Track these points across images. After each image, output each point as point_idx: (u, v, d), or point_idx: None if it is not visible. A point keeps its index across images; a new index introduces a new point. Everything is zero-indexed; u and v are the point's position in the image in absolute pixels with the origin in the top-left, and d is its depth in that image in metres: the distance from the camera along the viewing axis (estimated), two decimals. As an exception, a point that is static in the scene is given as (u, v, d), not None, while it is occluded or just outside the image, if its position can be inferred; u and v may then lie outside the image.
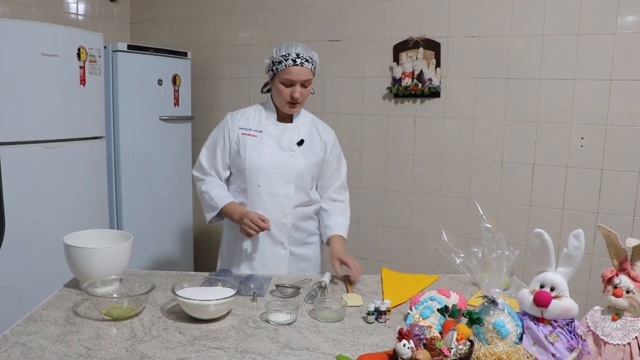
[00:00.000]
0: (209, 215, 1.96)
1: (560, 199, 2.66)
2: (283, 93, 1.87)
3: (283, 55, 1.85)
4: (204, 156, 2.01)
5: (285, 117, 1.99)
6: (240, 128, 1.96)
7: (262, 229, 1.81)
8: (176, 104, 3.37)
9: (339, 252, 1.87)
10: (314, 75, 1.91)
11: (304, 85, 1.87)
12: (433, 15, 2.85)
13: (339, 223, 2.01)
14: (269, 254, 1.95)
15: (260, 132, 1.95)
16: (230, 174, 2.02)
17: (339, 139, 2.08)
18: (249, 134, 1.95)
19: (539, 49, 2.61)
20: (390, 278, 1.83)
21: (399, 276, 1.87)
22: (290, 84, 1.86)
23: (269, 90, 1.99)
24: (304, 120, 2.01)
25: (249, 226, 1.80)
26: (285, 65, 1.83)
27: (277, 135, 1.95)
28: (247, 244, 1.96)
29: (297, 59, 1.83)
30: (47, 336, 1.28)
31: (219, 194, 1.94)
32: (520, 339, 1.21)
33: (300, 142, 1.95)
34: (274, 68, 1.87)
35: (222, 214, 1.94)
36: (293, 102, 1.89)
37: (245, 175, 1.93)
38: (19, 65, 2.40)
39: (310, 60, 1.86)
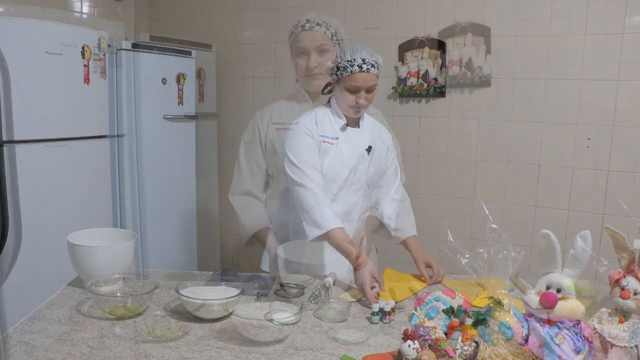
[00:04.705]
0: (314, 234, 1.71)
1: (567, 200, 2.64)
2: (348, 99, 1.80)
3: (348, 61, 1.76)
4: (295, 162, 1.82)
5: (352, 122, 1.92)
6: (321, 136, 1.87)
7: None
8: (180, 103, 3.36)
9: (424, 256, 1.87)
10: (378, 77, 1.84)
11: (369, 90, 1.80)
12: (438, 14, 2.83)
13: (409, 223, 1.98)
14: (331, 257, 1.89)
15: (337, 139, 1.87)
16: None
17: None
18: (329, 142, 1.87)
19: (546, 49, 2.60)
20: (392, 278, 1.82)
21: (402, 276, 1.87)
22: (355, 90, 1.78)
23: (330, 92, 1.92)
24: (368, 124, 1.95)
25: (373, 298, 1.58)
26: (351, 72, 1.75)
27: (349, 142, 1.89)
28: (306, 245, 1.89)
29: (363, 65, 1.75)
30: (50, 335, 1.28)
31: (328, 212, 1.73)
32: (526, 340, 1.20)
33: (369, 149, 1.89)
34: (338, 73, 1.79)
35: (326, 237, 1.71)
36: (358, 108, 1.83)
37: None
38: (23, 64, 2.40)
39: (375, 65, 1.77)
